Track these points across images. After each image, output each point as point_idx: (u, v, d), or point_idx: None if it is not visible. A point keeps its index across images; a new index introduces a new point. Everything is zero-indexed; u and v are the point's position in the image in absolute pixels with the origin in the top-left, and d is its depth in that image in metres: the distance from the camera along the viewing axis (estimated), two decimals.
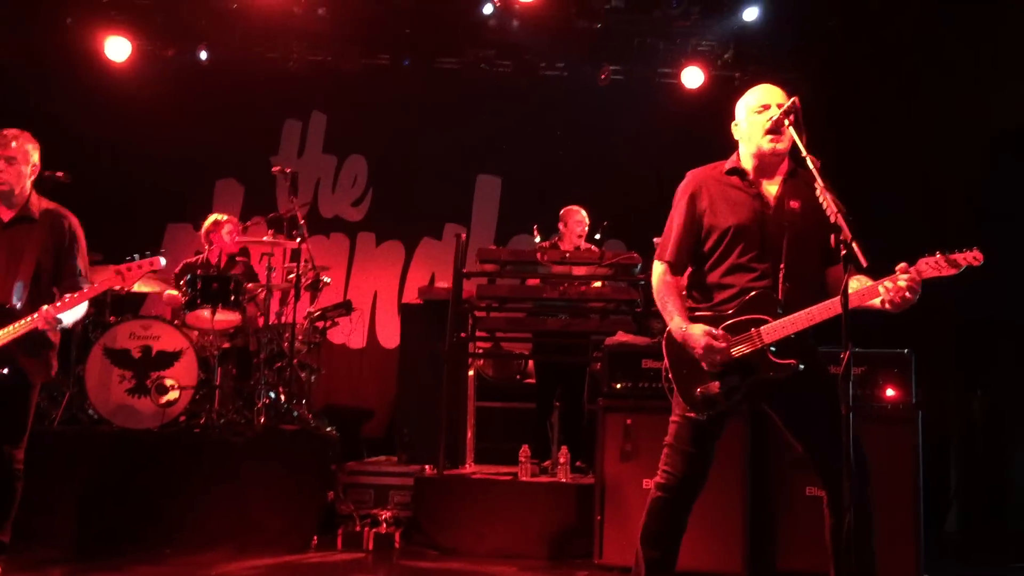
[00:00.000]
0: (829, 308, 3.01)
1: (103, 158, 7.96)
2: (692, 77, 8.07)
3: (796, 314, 3.07)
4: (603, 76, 8.20)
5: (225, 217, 6.67)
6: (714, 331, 3.12)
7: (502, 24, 7.85)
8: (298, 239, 6.06)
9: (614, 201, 7.50)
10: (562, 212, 6.48)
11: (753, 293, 3.16)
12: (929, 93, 6.80)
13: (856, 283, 2.98)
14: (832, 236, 2.79)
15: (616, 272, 5.74)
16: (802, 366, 3.08)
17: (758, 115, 3.25)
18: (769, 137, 3.19)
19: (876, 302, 2.98)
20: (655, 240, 3.48)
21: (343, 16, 7.92)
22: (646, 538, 3.27)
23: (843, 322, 2.74)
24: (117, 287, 3.96)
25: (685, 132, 7.62)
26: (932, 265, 2.92)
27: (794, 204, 3.20)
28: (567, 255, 5.90)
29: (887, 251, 2.93)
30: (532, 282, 6.04)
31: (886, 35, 7.06)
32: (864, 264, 2.75)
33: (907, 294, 2.90)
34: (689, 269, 3.39)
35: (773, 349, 3.10)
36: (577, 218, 6.41)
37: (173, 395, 5.46)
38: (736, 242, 3.22)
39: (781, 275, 3.16)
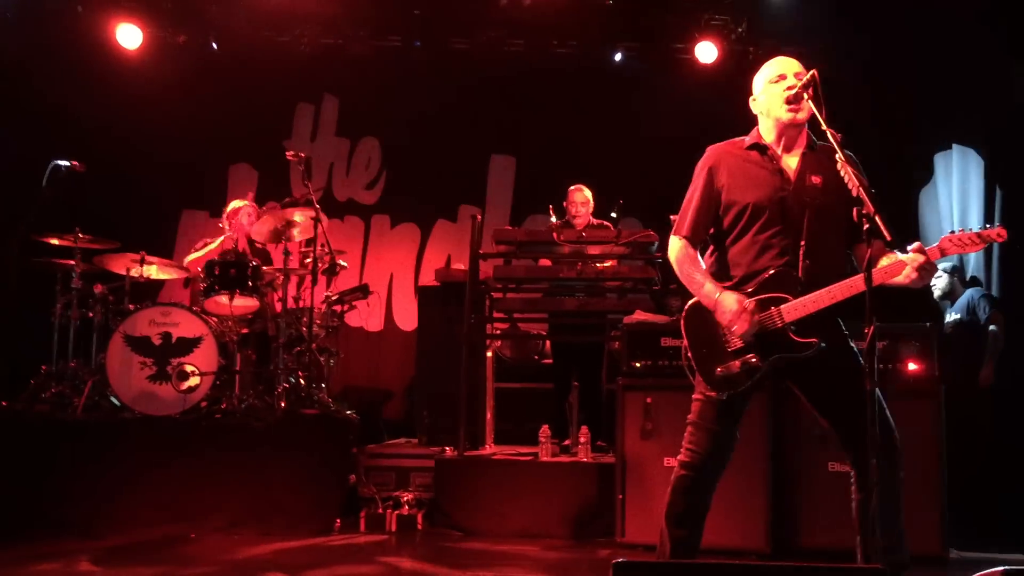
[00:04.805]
0: (851, 286, 2.98)
1: (116, 146, 7.95)
2: (706, 52, 7.96)
3: (817, 292, 3.04)
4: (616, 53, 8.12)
5: (245, 202, 6.70)
6: (746, 300, 3.09)
7: (513, 3, 7.77)
8: (314, 223, 6.04)
9: (629, 179, 7.46)
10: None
11: (772, 271, 3.12)
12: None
13: (883, 260, 2.94)
14: (855, 210, 2.76)
15: (633, 250, 5.70)
16: (824, 344, 3.05)
17: (775, 85, 3.19)
18: (787, 107, 3.14)
19: (899, 278, 2.97)
20: (672, 218, 3.43)
21: None
22: (671, 517, 3.24)
23: (867, 298, 2.71)
24: None
25: (700, 108, 7.52)
26: (955, 242, 2.91)
27: (816, 179, 3.15)
28: (583, 234, 5.87)
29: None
30: (544, 262, 6.01)
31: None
32: (888, 238, 2.72)
33: (928, 270, 2.90)
34: (710, 247, 3.35)
35: (794, 328, 3.07)
36: (577, 197, 6.40)
37: (194, 381, 5.48)
38: (756, 219, 3.17)
39: (802, 252, 3.11)
